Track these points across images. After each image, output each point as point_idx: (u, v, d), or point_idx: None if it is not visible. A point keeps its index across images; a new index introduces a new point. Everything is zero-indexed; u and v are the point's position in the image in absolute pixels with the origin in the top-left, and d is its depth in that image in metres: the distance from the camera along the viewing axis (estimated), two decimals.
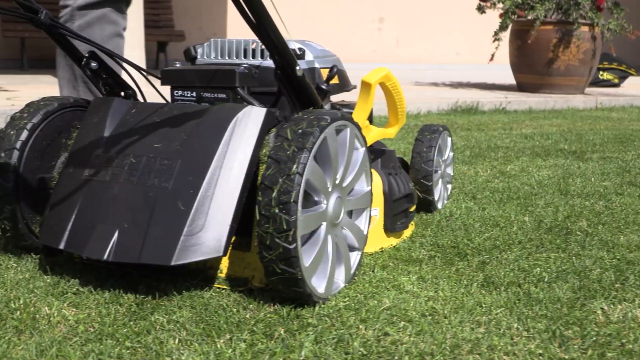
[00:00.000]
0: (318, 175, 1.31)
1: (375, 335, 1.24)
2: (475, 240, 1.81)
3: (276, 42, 1.33)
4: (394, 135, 1.84)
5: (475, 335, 1.25)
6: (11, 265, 1.53)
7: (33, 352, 1.14)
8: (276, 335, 1.23)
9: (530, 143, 3.47)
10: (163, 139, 1.43)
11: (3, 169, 1.49)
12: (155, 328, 1.24)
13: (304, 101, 1.45)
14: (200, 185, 1.34)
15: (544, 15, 5.49)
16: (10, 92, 4.74)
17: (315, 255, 1.33)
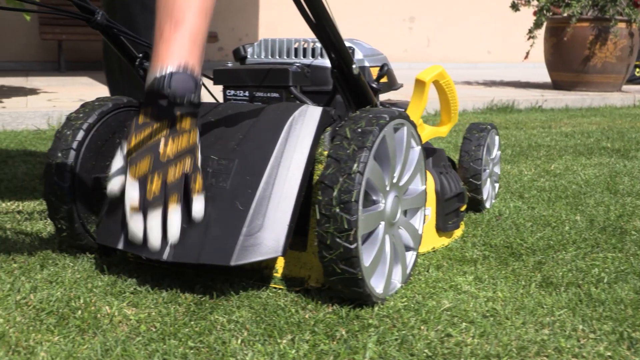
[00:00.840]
0: (377, 174, 1.30)
1: (438, 337, 1.22)
2: (528, 240, 1.78)
3: (334, 40, 1.32)
4: (446, 134, 1.82)
5: (540, 337, 1.23)
6: (67, 264, 1.54)
7: (98, 351, 1.14)
8: (338, 335, 1.22)
9: (572, 141, 3.42)
10: (219, 139, 1.43)
11: (60, 169, 1.50)
12: (216, 328, 1.24)
13: (360, 100, 1.44)
14: (258, 184, 1.33)
15: (580, 12, 5.41)
16: (50, 94, 4.80)
17: (375, 255, 1.32)
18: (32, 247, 1.65)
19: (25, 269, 1.51)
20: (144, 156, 1.33)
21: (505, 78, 7.29)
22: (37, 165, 2.70)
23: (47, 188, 1.52)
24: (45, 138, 3.41)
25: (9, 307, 1.30)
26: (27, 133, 3.59)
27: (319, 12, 1.26)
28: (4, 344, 1.16)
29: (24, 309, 1.30)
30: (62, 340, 1.18)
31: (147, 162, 1.33)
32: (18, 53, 7.19)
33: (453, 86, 1.71)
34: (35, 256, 1.59)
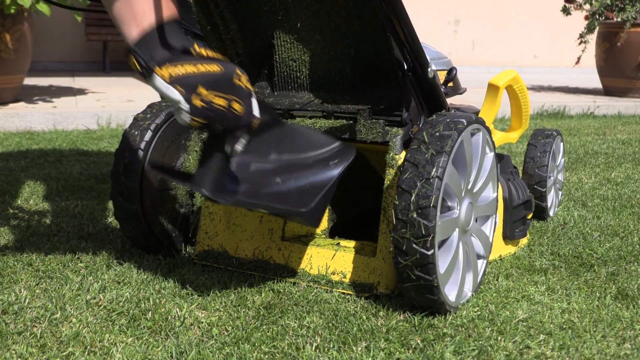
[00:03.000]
0: (455, 180, 1.27)
1: (516, 348, 1.18)
2: (597, 250, 1.72)
3: (411, 42, 1.29)
4: (516, 139, 1.78)
5: (623, 351, 1.19)
6: (133, 265, 1.54)
7: (173, 354, 1.13)
8: (413, 344, 1.19)
9: (630, 149, 3.33)
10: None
11: (128, 170, 1.50)
12: (288, 333, 1.22)
13: (433, 104, 1.41)
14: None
15: (634, 16, 5.28)
16: (98, 94, 4.86)
17: (449, 263, 1.29)
18: (96, 247, 1.66)
19: (92, 268, 1.51)
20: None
21: (554, 83, 7.17)
22: (90, 164, 2.73)
23: (114, 188, 1.52)
24: (96, 138, 3.45)
25: (80, 307, 1.30)
26: (77, 132, 3.63)
27: (397, 13, 1.24)
28: (78, 343, 1.16)
29: (94, 309, 1.30)
30: (135, 342, 1.17)
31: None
32: (65, 53, 7.30)
33: (526, 91, 1.67)
34: (100, 256, 1.59)
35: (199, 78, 1.10)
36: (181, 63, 1.09)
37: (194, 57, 1.12)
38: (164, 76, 1.08)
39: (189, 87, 1.10)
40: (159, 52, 1.09)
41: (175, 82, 1.09)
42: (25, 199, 2.13)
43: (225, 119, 1.14)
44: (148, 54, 1.09)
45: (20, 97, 4.37)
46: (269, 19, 1.45)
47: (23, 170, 2.55)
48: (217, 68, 1.13)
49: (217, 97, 1.12)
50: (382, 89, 1.45)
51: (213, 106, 1.12)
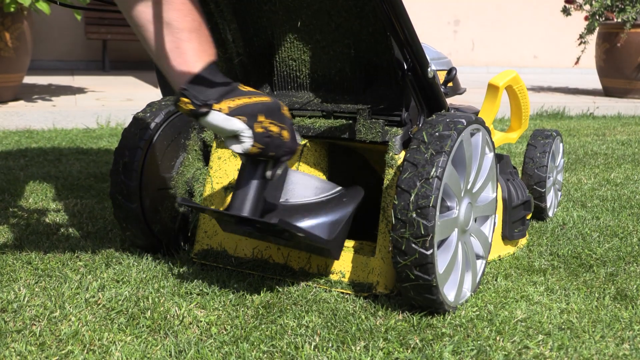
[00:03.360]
0: (454, 180, 1.27)
1: (515, 348, 1.18)
2: (597, 250, 1.73)
3: (410, 42, 1.29)
4: (516, 140, 1.78)
5: (622, 352, 1.19)
6: (132, 264, 1.54)
7: (172, 352, 1.13)
8: (411, 344, 1.19)
9: (629, 150, 3.34)
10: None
11: (127, 168, 1.50)
12: (287, 332, 1.22)
13: (433, 104, 1.41)
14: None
15: (634, 17, 5.27)
16: (98, 93, 4.85)
17: (448, 263, 1.29)
18: (95, 246, 1.66)
19: (91, 267, 1.51)
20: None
21: (553, 84, 7.17)
22: (90, 163, 2.72)
23: (113, 187, 1.52)
24: (95, 137, 3.45)
25: (79, 305, 1.30)
26: (77, 131, 3.63)
27: (397, 13, 1.24)
28: (77, 342, 1.16)
29: (94, 308, 1.30)
30: (134, 340, 1.17)
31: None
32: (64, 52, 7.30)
33: (526, 92, 1.67)
34: (99, 254, 1.59)
35: (257, 107, 1.20)
36: (237, 96, 1.18)
37: (243, 92, 1.20)
38: (222, 109, 1.16)
39: (250, 116, 1.18)
40: (211, 90, 1.17)
41: (236, 112, 1.17)
42: (24, 197, 2.13)
43: (277, 145, 1.23)
44: (203, 94, 1.16)
45: (19, 96, 4.37)
46: (269, 19, 1.45)
47: (22, 169, 2.55)
48: (267, 98, 1.22)
49: (272, 124, 1.21)
50: (382, 88, 1.45)
51: (270, 133, 1.21)
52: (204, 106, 1.15)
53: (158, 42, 1.18)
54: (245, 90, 1.21)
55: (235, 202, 1.25)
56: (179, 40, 1.17)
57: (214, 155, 1.61)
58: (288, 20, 1.43)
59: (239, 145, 1.20)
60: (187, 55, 1.17)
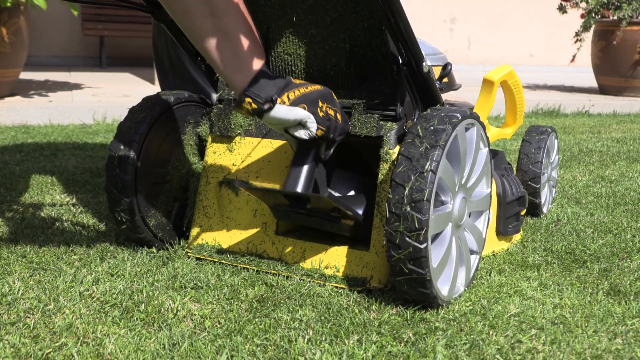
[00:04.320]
0: (449, 174, 1.27)
1: (508, 343, 1.19)
2: (590, 246, 1.73)
3: (406, 36, 1.30)
4: (510, 135, 1.78)
5: (614, 346, 1.19)
6: (127, 257, 1.54)
7: (165, 345, 1.13)
8: (405, 338, 1.19)
9: (624, 147, 3.35)
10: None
11: (123, 162, 1.50)
12: (280, 326, 1.22)
13: (428, 99, 1.41)
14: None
15: (630, 15, 5.29)
16: (94, 89, 4.85)
17: (442, 257, 1.30)
18: (90, 240, 1.66)
19: (85, 261, 1.51)
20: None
21: (549, 82, 7.19)
22: (86, 159, 2.72)
23: (108, 180, 1.52)
24: (92, 132, 3.44)
25: (73, 299, 1.30)
26: (73, 127, 3.62)
27: (393, 7, 1.24)
28: (71, 334, 1.16)
29: (88, 301, 1.30)
30: (128, 333, 1.17)
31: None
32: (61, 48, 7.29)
33: (521, 87, 1.67)
34: (94, 248, 1.59)
35: (314, 94, 1.30)
36: (293, 89, 1.28)
37: (297, 84, 1.30)
38: (284, 102, 1.26)
39: (311, 102, 1.29)
40: (270, 87, 1.26)
41: (297, 102, 1.27)
42: (20, 192, 2.12)
43: (335, 127, 1.34)
44: (264, 91, 1.25)
45: (16, 91, 4.36)
46: (264, 13, 1.45)
47: (18, 164, 2.55)
48: (320, 87, 1.32)
49: (329, 108, 1.32)
50: (377, 83, 1.45)
51: (329, 116, 1.32)
52: (267, 102, 1.24)
53: (217, 51, 1.26)
54: (298, 83, 1.30)
55: (289, 181, 1.36)
56: (237, 47, 1.25)
57: (209, 150, 1.61)
58: (283, 15, 1.43)
59: (305, 131, 1.30)
60: (245, 60, 1.26)
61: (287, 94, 1.27)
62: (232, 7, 1.25)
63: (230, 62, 1.26)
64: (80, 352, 1.10)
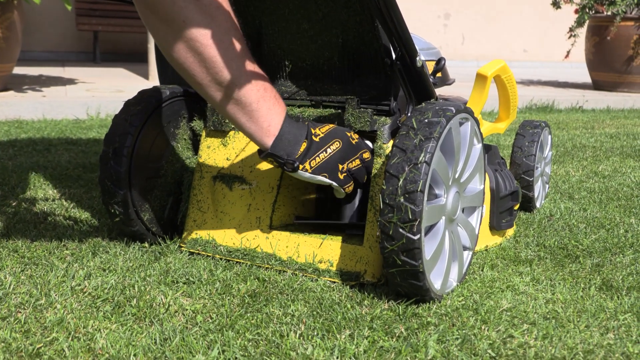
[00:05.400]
0: (443, 167, 1.27)
1: (500, 337, 1.19)
2: (583, 241, 1.73)
3: (399, 30, 1.29)
4: (504, 130, 1.78)
5: (606, 341, 1.19)
6: (119, 252, 1.53)
7: (157, 340, 1.13)
8: (397, 333, 1.19)
9: (618, 143, 3.35)
10: None
11: (117, 154, 1.50)
12: (272, 321, 1.22)
13: (421, 93, 1.41)
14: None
15: (624, 10, 5.29)
16: (88, 84, 4.83)
17: (435, 250, 1.30)
18: (82, 234, 1.65)
19: (77, 255, 1.51)
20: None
21: (543, 77, 7.19)
22: (79, 154, 2.71)
23: (103, 172, 1.52)
24: (85, 127, 3.43)
25: (65, 293, 1.30)
26: (67, 122, 3.61)
27: (387, 1, 1.24)
28: (62, 329, 1.16)
29: (79, 296, 1.30)
30: (119, 328, 1.17)
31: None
32: (55, 43, 7.25)
33: (514, 82, 1.67)
34: (86, 243, 1.59)
35: (333, 159, 1.35)
36: (316, 155, 1.33)
37: (319, 143, 1.33)
38: (306, 169, 1.32)
39: (331, 170, 1.35)
40: (292, 147, 1.30)
41: (319, 170, 1.34)
42: (12, 186, 2.12)
43: (364, 171, 1.41)
44: (285, 153, 1.30)
45: (9, 86, 4.34)
46: (256, 7, 1.45)
47: (11, 159, 2.54)
48: (338, 144, 1.36)
49: (351, 162, 1.38)
50: (371, 78, 1.45)
51: (352, 170, 1.38)
52: (288, 164, 1.30)
53: (235, 118, 1.29)
54: (318, 140, 1.33)
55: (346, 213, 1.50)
56: (251, 111, 1.28)
57: (203, 145, 1.61)
58: (276, 10, 1.43)
59: (336, 192, 1.40)
60: (261, 123, 1.29)
61: (310, 162, 1.32)
62: (242, 76, 1.26)
63: (247, 127, 1.29)
64: (71, 347, 1.10)
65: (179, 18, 1.20)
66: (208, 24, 1.21)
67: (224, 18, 1.23)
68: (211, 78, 1.24)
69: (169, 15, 1.20)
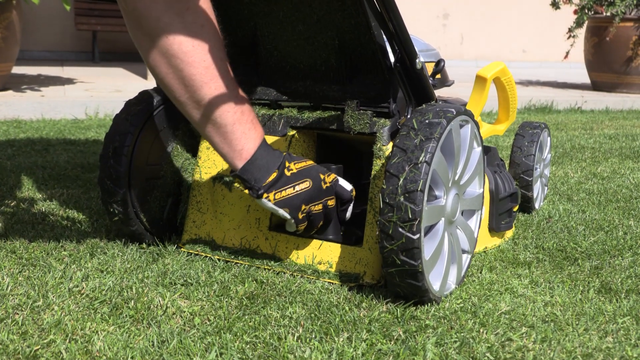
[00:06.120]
0: (443, 168, 1.27)
1: (498, 341, 1.19)
2: (582, 244, 1.73)
3: (399, 32, 1.29)
4: (503, 132, 1.78)
5: (605, 344, 1.19)
6: (117, 253, 1.53)
7: (154, 342, 1.13)
8: (395, 336, 1.19)
9: (616, 144, 3.35)
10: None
11: (117, 153, 1.49)
12: (270, 323, 1.22)
13: (421, 95, 1.41)
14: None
15: (623, 11, 5.29)
16: (87, 84, 4.82)
17: (434, 251, 1.29)
18: (81, 235, 1.65)
19: (75, 257, 1.51)
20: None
21: (542, 78, 7.19)
22: (77, 154, 2.71)
23: (102, 171, 1.52)
24: (84, 127, 3.43)
25: (63, 295, 1.30)
26: (65, 122, 3.61)
27: (387, 4, 1.23)
28: (60, 331, 1.15)
29: (77, 297, 1.29)
30: (117, 330, 1.17)
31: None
32: (54, 43, 7.24)
33: (514, 84, 1.67)
34: (84, 244, 1.58)
35: (299, 198, 1.35)
36: (283, 188, 1.33)
37: (289, 178, 1.34)
38: (270, 199, 1.32)
39: (293, 208, 1.35)
40: (261, 175, 1.30)
41: (282, 204, 1.33)
42: (10, 187, 2.11)
43: (321, 218, 1.41)
44: (253, 178, 1.30)
45: (8, 86, 4.33)
46: (250, 10, 1.44)
47: (9, 159, 2.53)
48: (307, 184, 1.36)
49: (314, 206, 1.38)
50: (370, 79, 1.45)
51: (312, 212, 1.39)
52: (254, 190, 1.31)
53: (209, 136, 1.31)
54: (289, 175, 1.34)
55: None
56: (226, 133, 1.29)
57: (203, 146, 1.60)
58: (270, 12, 1.42)
59: (288, 224, 1.39)
60: (235, 145, 1.30)
61: (275, 193, 1.32)
62: (220, 97, 1.26)
63: (221, 148, 1.31)
64: (68, 349, 1.09)
65: (162, 34, 1.21)
66: (190, 42, 1.22)
67: (208, 37, 1.24)
68: (189, 96, 1.26)
69: (153, 30, 1.21)
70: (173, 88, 1.26)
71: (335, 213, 1.45)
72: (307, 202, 1.36)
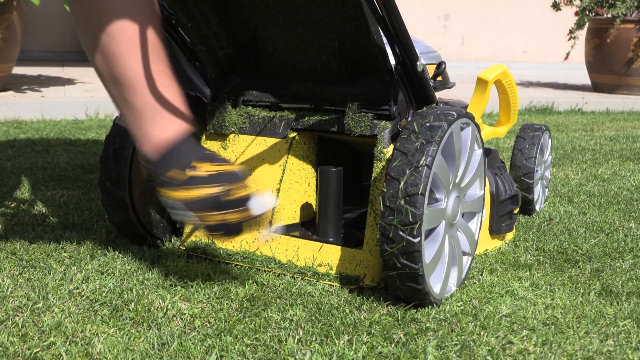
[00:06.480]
0: (443, 171, 1.27)
1: (499, 344, 1.19)
2: (583, 246, 1.73)
3: (400, 35, 1.29)
4: (504, 134, 1.78)
5: (606, 348, 1.19)
6: (117, 255, 1.53)
7: (155, 345, 1.12)
8: (395, 338, 1.19)
9: (617, 146, 3.35)
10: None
11: (117, 155, 1.49)
12: (271, 325, 1.22)
13: (422, 97, 1.41)
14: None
15: (624, 13, 5.28)
16: (87, 84, 4.82)
17: (435, 254, 1.29)
18: (81, 237, 1.65)
19: (75, 258, 1.50)
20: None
21: (542, 79, 7.19)
22: (77, 154, 2.71)
23: (103, 173, 1.51)
24: (84, 128, 3.43)
25: (63, 297, 1.29)
26: (65, 122, 3.61)
27: (388, 6, 1.23)
28: (60, 333, 1.15)
29: (77, 299, 1.29)
30: (117, 332, 1.16)
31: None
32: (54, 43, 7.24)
33: (515, 86, 1.67)
34: (84, 246, 1.58)
35: (203, 203, 1.23)
36: (189, 188, 1.23)
37: (198, 180, 1.23)
38: (174, 197, 1.24)
39: (199, 210, 1.23)
40: (168, 167, 1.23)
41: (190, 205, 1.23)
42: (11, 187, 2.11)
43: (241, 228, 1.28)
44: (161, 169, 1.24)
45: (8, 86, 4.33)
46: (250, 13, 1.44)
47: (10, 159, 2.53)
48: (215, 190, 1.23)
49: (230, 214, 1.25)
50: (370, 82, 1.45)
51: (226, 222, 1.25)
52: (158, 180, 1.25)
53: (125, 116, 1.28)
54: (206, 176, 1.23)
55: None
56: (142, 117, 1.24)
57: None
58: (269, 15, 1.42)
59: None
60: (149, 131, 1.24)
61: (182, 192, 1.24)
62: (145, 80, 1.23)
63: (137, 132, 1.26)
64: (68, 352, 1.09)
65: (105, 9, 1.19)
66: (114, 15, 1.19)
67: (136, 14, 1.21)
68: (107, 69, 1.23)
69: (96, 4, 1.20)
70: (95, 58, 1.24)
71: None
72: (209, 209, 1.25)
